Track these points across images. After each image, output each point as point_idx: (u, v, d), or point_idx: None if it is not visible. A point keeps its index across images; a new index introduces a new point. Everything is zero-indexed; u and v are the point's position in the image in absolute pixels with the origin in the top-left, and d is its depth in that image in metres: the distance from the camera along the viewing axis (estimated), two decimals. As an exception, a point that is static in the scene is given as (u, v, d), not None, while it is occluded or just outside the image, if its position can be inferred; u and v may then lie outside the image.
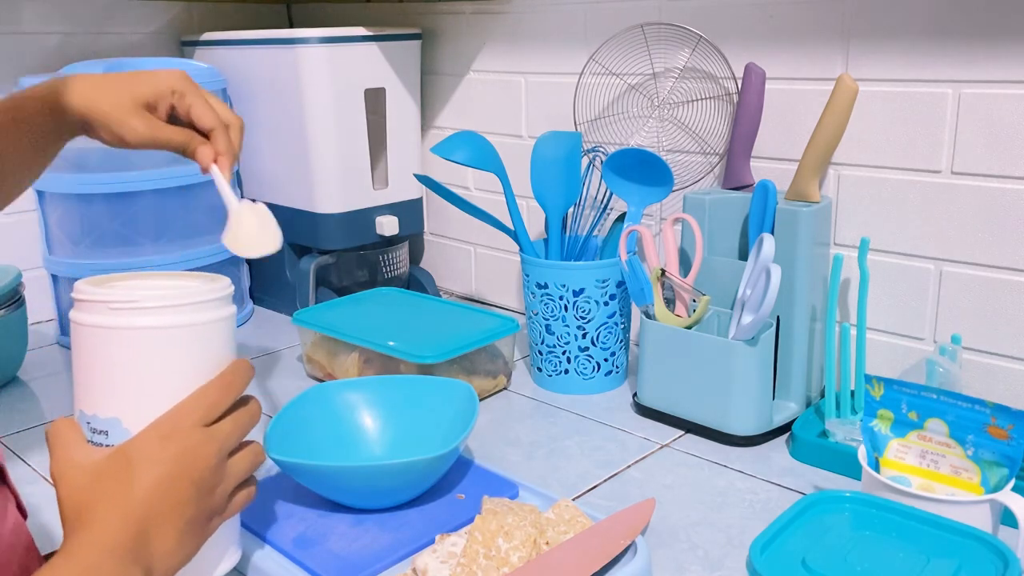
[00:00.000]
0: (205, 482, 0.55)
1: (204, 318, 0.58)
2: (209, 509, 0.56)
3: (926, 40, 0.89)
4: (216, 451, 0.56)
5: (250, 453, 0.60)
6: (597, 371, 1.04)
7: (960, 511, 0.66)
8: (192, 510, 0.54)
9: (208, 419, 0.56)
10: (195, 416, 0.55)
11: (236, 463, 0.58)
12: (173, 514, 0.53)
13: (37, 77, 1.20)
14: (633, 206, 1.03)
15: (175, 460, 0.53)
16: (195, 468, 0.54)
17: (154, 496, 0.52)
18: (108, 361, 0.56)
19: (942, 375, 0.83)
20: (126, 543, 0.50)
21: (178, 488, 0.53)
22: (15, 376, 1.14)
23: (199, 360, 0.58)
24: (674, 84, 1.08)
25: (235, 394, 0.58)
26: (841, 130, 0.91)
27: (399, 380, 0.89)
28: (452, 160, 1.02)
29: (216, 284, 0.60)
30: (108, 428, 0.55)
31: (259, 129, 1.35)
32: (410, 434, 0.85)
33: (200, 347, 0.58)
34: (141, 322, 0.55)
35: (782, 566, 0.63)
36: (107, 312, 0.55)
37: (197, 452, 0.54)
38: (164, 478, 0.53)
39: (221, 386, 0.57)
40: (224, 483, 0.57)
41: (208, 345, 0.58)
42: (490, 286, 1.41)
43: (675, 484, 0.83)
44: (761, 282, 0.86)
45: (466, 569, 0.64)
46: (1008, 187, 0.86)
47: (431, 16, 1.37)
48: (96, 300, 0.56)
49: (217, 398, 0.57)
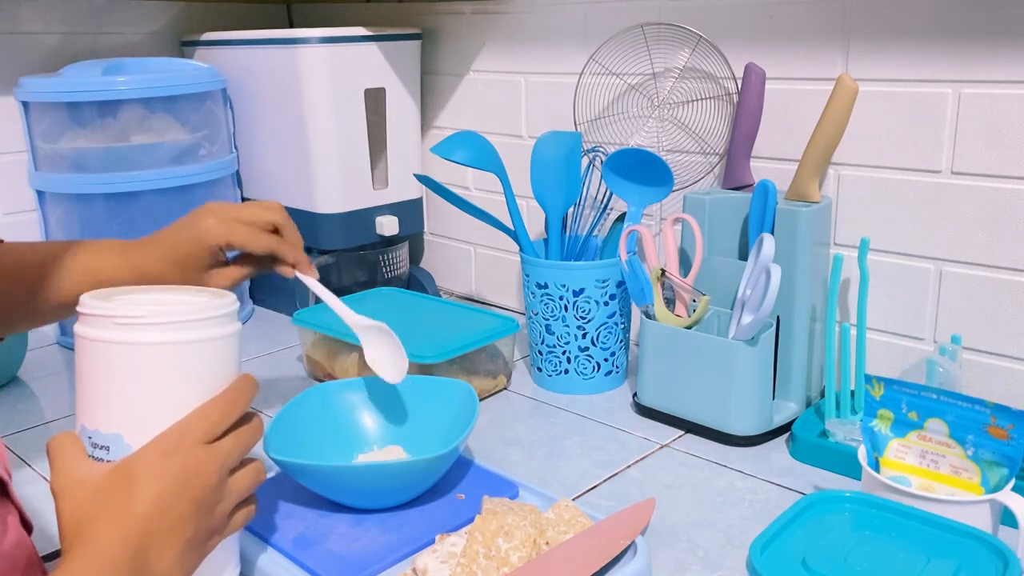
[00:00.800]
0: (206, 500, 0.55)
1: (209, 335, 0.57)
2: (209, 527, 0.56)
3: (926, 40, 0.89)
4: (217, 469, 0.55)
5: (252, 471, 0.59)
6: (597, 371, 1.04)
7: (960, 511, 0.66)
8: (192, 528, 0.54)
9: (211, 436, 0.56)
10: (198, 433, 0.55)
11: (237, 481, 0.58)
12: (173, 531, 0.53)
13: (37, 77, 1.20)
14: (633, 206, 1.03)
15: (176, 477, 0.53)
16: (196, 486, 0.54)
17: (154, 513, 0.52)
18: (111, 376, 0.55)
19: (942, 375, 0.83)
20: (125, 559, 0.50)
21: (178, 505, 0.53)
22: (15, 376, 1.14)
23: (203, 376, 0.57)
24: (674, 84, 1.08)
25: (239, 411, 0.58)
26: (841, 130, 0.91)
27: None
28: (452, 160, 1.02)
29: (222, 300, 0.59)
30: (110, 444, 0.55)
31: (259, 129, 1.35)
32: (410, 434, 0.85)
33: (204, 363, 0.57)
34: (146, 338, 0.55)
35: (782, 566, 0.63)
36: (112, 327, 0.55)
37: (198, 470, 0.54)
38: (165, 495, 0.52)
39: (225, 403, 0.57)
40: (225, 501, 0.57)
41: (212, 362, 0.58)
42: (490, 286, 1.41)
43: (675, 484, 0.83)
44: (761, 282, 0.86)
45: (466, 569, 0.64)
46: (1008, 187, 0.86)
47: (431, 16, 1.37)
48: (101, 315, 0.55)
49: (220, 415, 0.56)
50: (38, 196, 1.24)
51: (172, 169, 1.21)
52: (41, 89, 1.18)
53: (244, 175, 1.40)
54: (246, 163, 1.39)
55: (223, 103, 1.31)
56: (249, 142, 1.37)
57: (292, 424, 0.81)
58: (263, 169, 1.37)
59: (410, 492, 0.76)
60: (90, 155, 1.18)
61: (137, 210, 1.21)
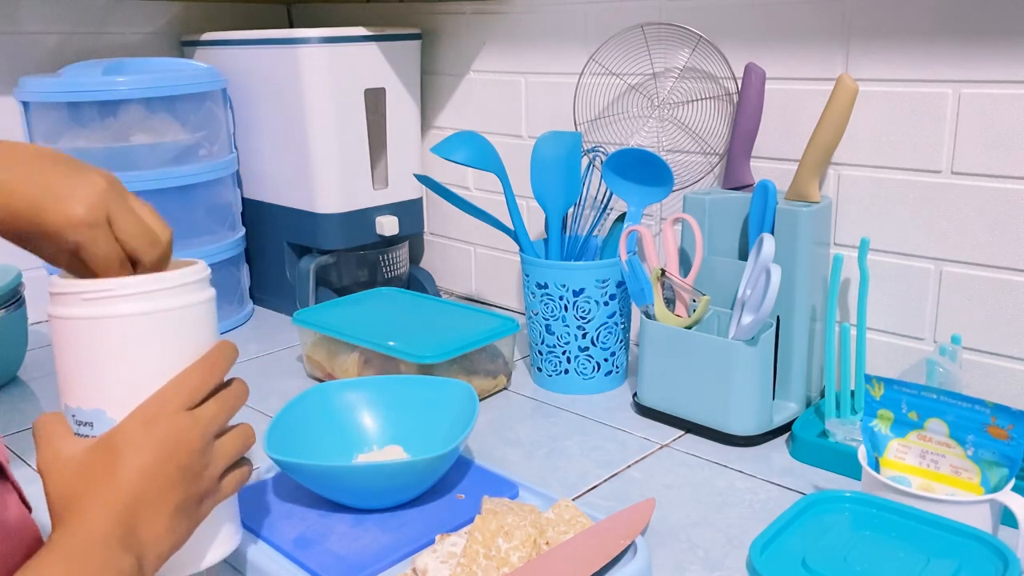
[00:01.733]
0: (192, 465, 0.55)
1: (178, 303, 0.57)
2: (199, 492, 0.56)
3: (926, 40, 0.89)
4: (201, 434, 0.55)
5: (239, 434, 0.59)
6: (597, 371, 1.04)
7: (960, 511, 0.66)
8: (180, 494, 0.54)
9: (192, 402, 0.56)
10: (178, 400, 0.55)
11: (224, 444, 0.58)
12: (161, 499, 0.53)
13: (37, 77, 1.20)
14: (633, 206, 1.03)
15: (159, 445, 0.53)
16: (180, 452, 0.54)
17: (140, 482, 0.52)
18: (86, 352, 0.55)
19: (942, 375, 0.83)
20: (114, 530, 0.50)
21: (164, 473, 0.53)
22: (15, 376, 1.14)
23: (178, 345, 0.57)
24: (674, 84, 1.08)
25: (219, 375, 0.58)
26: (841, 130, 0.91)
27: (399, 380, 0.89)
28: (452, 160, 1.02)
29: (191, 268, 0.59)
30: (93, 420, 0.55)
31: (259, 129, 1.35)
32: (410, 434, 0.85)
33: (177, 332, 0.57)
34: (113, 310, 0.55)
35: (782, 566, 0.63)
36: (80, 303, 0.55)
37: (181, 436, 0.54)
38: (149, 464, 0.53)
39: (203, 368, 0.57)
40: (212, 465, 0.56)
41: (185, 329, 0.57)
42: (490, 286, 1.41)
43: (675, 484, 0.83)
44: (761, 282, 0.86)
45: (466, 569, 0.64)
46: (1008, 187, 0.86)
47: (431, 16, 1.37)
48: (69, 292, 0.55)
49: (200, 381, 0.56)
50: (38, 196, 1.24)
51: (172, 169, 1.21)
52: (41, 89, 1.18)
53: (244, 175, 1.40)
54: (246, 163, 1.39)
55: (223, 103, 1.31)
56: (249, 142, 1.37)
57: (292, 424, 0.81)
58: (263, 169, 1.37)
59: (410, 492, 0.76)
60: (90, 155, 1.18)
61: (137, 210, 1.21)
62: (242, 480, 0.60)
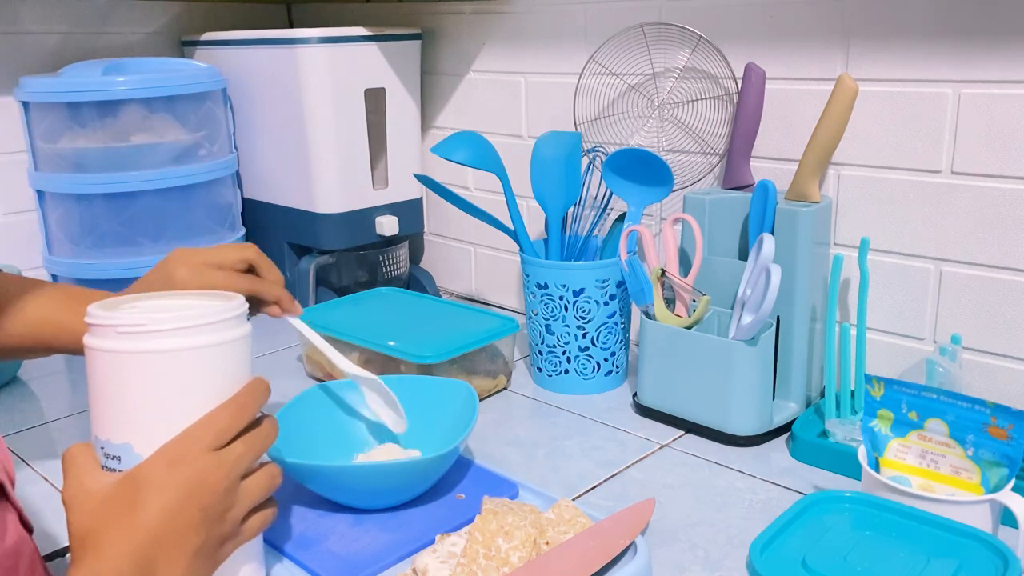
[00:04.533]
0: (214, 508, 0.54)
1: (214, 339, 0.56)
2: (220, 535, 0.55)
3: (926, 40, 0.89)
4: (225, 475, 0.54)
5: (265, 475, 0.58)
6: (597, 371, 1.04)
7: (960, 511, 0.66)
8: (201, 537, 0.53)
9: (218, 443, 0.55)
10: (204, 441, 0.54)
11: (249, 486, 0.57)
12: (181, 540, 0.52)
13: (37, 77, 1.20)
14: (633, 206, 1.03)
15: (182, 486, 0.52)
16: (204, 493, 0.53)
17: (160, 523, 0.51)
18: (118, 386, 0.55)
19: (942, 375, 0.83)
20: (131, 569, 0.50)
21: (186, 514, 0.52)
22: (15, 376, 1.14)
23: (211, 382, 0.56)
24: (674, 84, 1.08)
25: (248, 416, 0.57)
26: (841, 130, 0.91)
27: (399, 380, 0.89)
28: (452, 160, 1.02)
29: (226, 304, 0.58)
30: (121, 453, 0.55)
31: (259, 129, 1.35)
32: (410, 434, 0.85)
33: (211, 369, 0.57)
34: (148, 346, 0.54)
35: (782, 566, 0.63)
36: (115, 336, 0.55)
37: (205, 477, 0.53)
38: (171, 505, 0.52)
39: (233, 408, 0.56)
40: (236, 508, 0.56)
41: (219, 366, 0.57)
42: (490, 286, 1.41)
43: (675, 484, 0.83)
44: (761, 282, 0.86)
45: (466, 569, 0.64)
46: (1008, 187, 0.86)
47: (431, 16, 1.37)
48: (105, 324, 0.55)
49: (228, 421, 0.56)
50: (38, 196, 1.24)
51: (172, 169, 1.21)
52: (41, 89, 1.18)
53: (244, 175, 1.40)
54: (246, 163, 1.39)
55: (223, 103, 1.31)
56: (249, 142, 1.37)
57: (292, 424, 0.81)
58: (263, 169, 1.37)
59: (410, 492, 0.76)
60: (90, 155, 1.18)
61: (137, 210, 1.21)
62: (266, 522, 0.59)
